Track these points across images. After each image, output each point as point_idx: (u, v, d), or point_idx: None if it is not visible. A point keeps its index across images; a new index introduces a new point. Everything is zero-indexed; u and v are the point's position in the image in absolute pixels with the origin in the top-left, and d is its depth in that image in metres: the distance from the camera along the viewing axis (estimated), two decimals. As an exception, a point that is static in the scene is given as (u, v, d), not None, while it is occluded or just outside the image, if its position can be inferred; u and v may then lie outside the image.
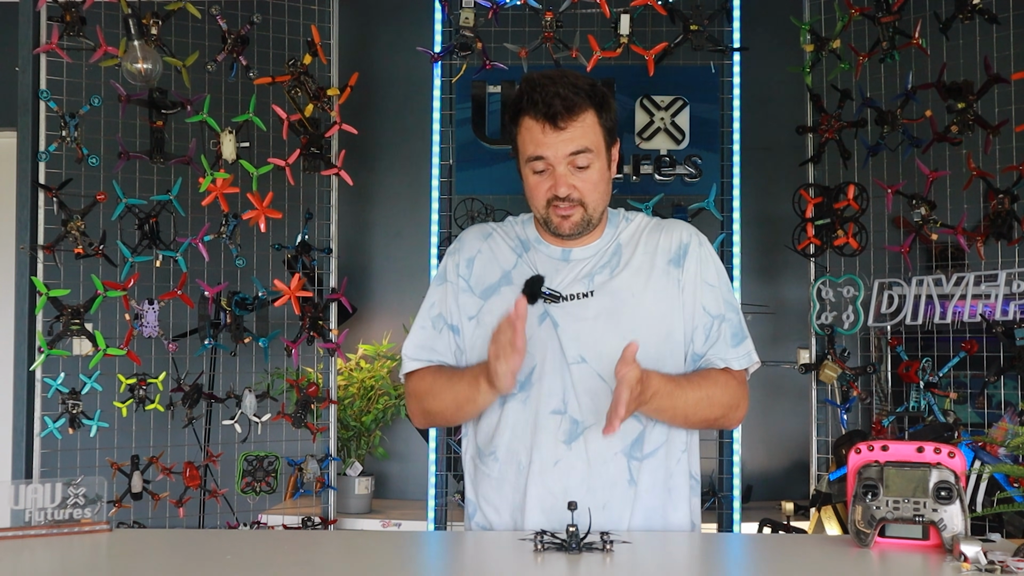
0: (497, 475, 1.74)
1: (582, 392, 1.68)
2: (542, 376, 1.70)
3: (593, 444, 1.67)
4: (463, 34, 3.17)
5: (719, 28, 3.23)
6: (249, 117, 3.21)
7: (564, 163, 1.67)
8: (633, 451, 1.69)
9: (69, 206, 3.05)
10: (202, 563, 1.44)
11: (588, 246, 1.77)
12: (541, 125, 1.65)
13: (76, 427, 3.05)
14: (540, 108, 1.64)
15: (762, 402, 3.82)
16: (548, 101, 1.63)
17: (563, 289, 1.72)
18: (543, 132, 1.65)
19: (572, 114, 1.64)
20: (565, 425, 1.68)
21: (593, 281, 1.73)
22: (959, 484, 1.43)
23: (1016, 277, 3.00)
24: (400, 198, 4.11)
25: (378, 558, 1.45)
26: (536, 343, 1.69)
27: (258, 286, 3.28)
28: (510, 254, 1.79)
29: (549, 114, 1.64)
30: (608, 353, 1.64)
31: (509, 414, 1.72)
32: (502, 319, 1.56)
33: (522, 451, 1.71)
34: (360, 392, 3.68)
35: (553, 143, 1.65)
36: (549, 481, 1.68)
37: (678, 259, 1.75)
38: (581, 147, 1.66)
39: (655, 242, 1.78)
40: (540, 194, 1.70)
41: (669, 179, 3.24)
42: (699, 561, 1.53)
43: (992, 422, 3.10)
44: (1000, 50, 3.06)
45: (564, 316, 1.70)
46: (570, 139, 1.65)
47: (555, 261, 1.76)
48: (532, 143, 1.67)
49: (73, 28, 3.04)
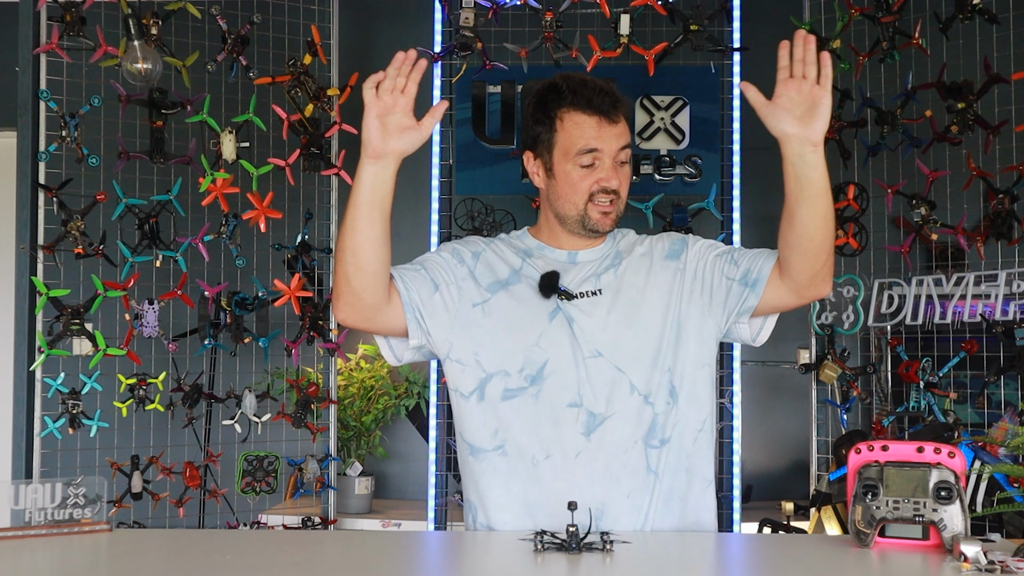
0: (504, 472, 1.72)
1: (599, 385, 1.70)
2: (555, 371, 1.70)
3: (610, 435, 1.69)
4: (463, 34, 3.17)
5: (719, 28, 3.23)
6: (249, 117, 3.21)
7: (614, 157, 1.72)
8: (649, 439, 1.71)
9: (69, 206, 3.05)
10: (202, 563, 1.44)
11: (593, 249, 1.80)
12: (596, 119, 1.70)
13: (76, 427, 3.04)
14: (595, 103, 1.70)
15: (762, 402, 3.82)
16: (600, 97, 1.70)
17: (574, 288, 1.75)
18: (599, 126, 1.70)
19: (618, 111, 1.72)
20: (583, 417, 1.69)
21: (600, 280, 1.76)
22: (959, 484, 1.43)
23: (1016, 277, 3.00)
24: (400, 198, 4.07)
25: (378, 558, 1.45)
26: (549, 339, 1.71)
27: (258, 286, 3.28)
28: (515, 257, 1.81)
29: (603, 109, 1.70)
30: (623, 345, 1.71)
31: (517, 409, 1.71)
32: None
33: (536, 445, 1.70)
34: (360, 392, 3.68)
35: (608, 137, 1.71)
36: (573, 472, 1.69)
37: (675, 253, 1.80)
38: (627, 143, 1.74)
39: (652, 245, 1.83)
40: (584, 188, 1.73)
41: (669, 179, 3.24)
42: (699, 561, 1.53)
43: (992, 422, 3.10)
44: (1000, 50, 3.06)
45: (577, 313, 1.73)
46: (620, 134, 1.72)
47: (562, 263, 1.79)
48: (584, 137, 1.71)
49: (73, 28, 3.04)
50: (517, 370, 1.71)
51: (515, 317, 1.74)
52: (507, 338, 1.73)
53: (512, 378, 1.71)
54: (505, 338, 1.73)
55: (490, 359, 1.73)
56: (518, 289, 1.76)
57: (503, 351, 1.72)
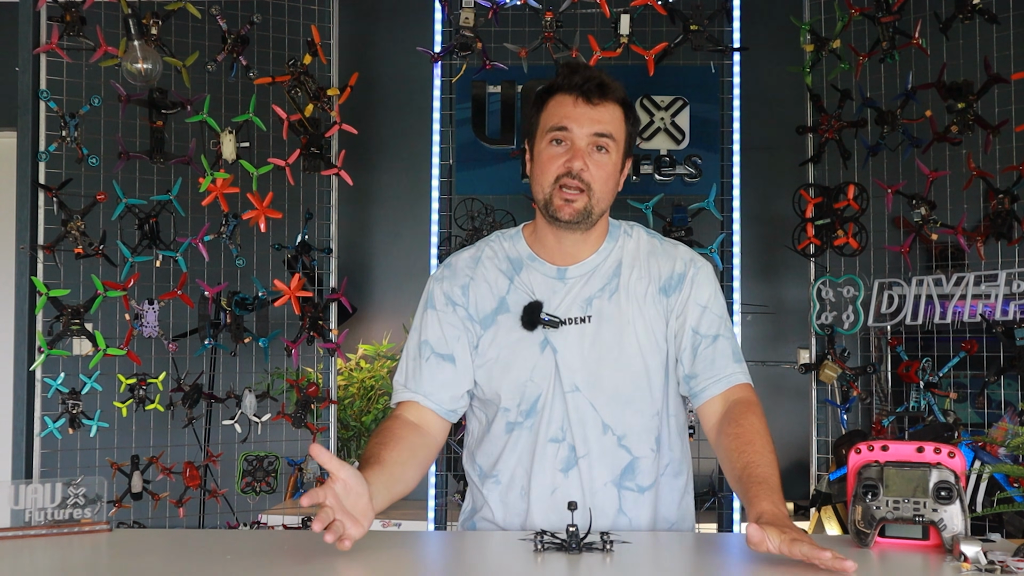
0: (498, 498, 1.74)
1: (576, 421, 1.67)
2: (545, 404, 1.68)
3: (586, 473, 1.67)
4: (463, 34, 3.17)
5: (719, 28, 3.23)
6: (249, 117, 3.21)
7: (586, 140, 1.64)
8: (624, 481, 1.69)
9: (69, 206, 3.05)
10: (202, 563, 1.44)
11: (584, 262, 1.71)
12: (573, 98, 1.64)
13: (76, 427, 3.05)
14: (576, 83, 1.64)
15: (762, 402, 3.81)
16: (585, 79, 1.64)
17: (561, 312, 1.68)
18: (574, 104, 1.64)
19: (605, 97, 1.65)
20: (563, 453, 1.68)
21: (591, 306, 1.69)
22: (959, 484, 1.43)
23: (1016, 277, 3.00)
24: (400, 198, 4.11)
25: (378, 558, 1.45)
26: (539, 372, 1.68)
27: (258, 286, 3.28)
28: (501, 279, 1.73)
29: (584, 89, 1.64)
30: (599, 385, 1.66)
31: (515, 441, 1.71)
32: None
33: (523, 477, 1.71)
34: (360, 392, 3.68)
35: (581, 116, 1.64)
36: (547, 508, 1.68)
37: (668, 288, 1.71)
38: (607, 131, 1.65)
39: (653, 267, 1.73)
40: (552, 169, 1.64)
41: (669, 179, 3.24)
42: (699, 561, 1.53)
43: (992, 422, 3.10)
44: (1000, 50, 3.06)
45: (562, 343, 1.67)
46: (598, 119, 1.65)
47: (550, 280, 1.71)
48: (558, 115, 1.65)
49: (73, 28, 3.04)
50: (515, 405, 1.70)
51: (507, 353, 1.69)
52: (503, 375, 1.70)
53: (512, 412, 1.71)
54: (502, 376, 1.70)
55: (492, 396, 1.72)
56: (507, 320, 1.70)
57: (502, 389, 1.70)
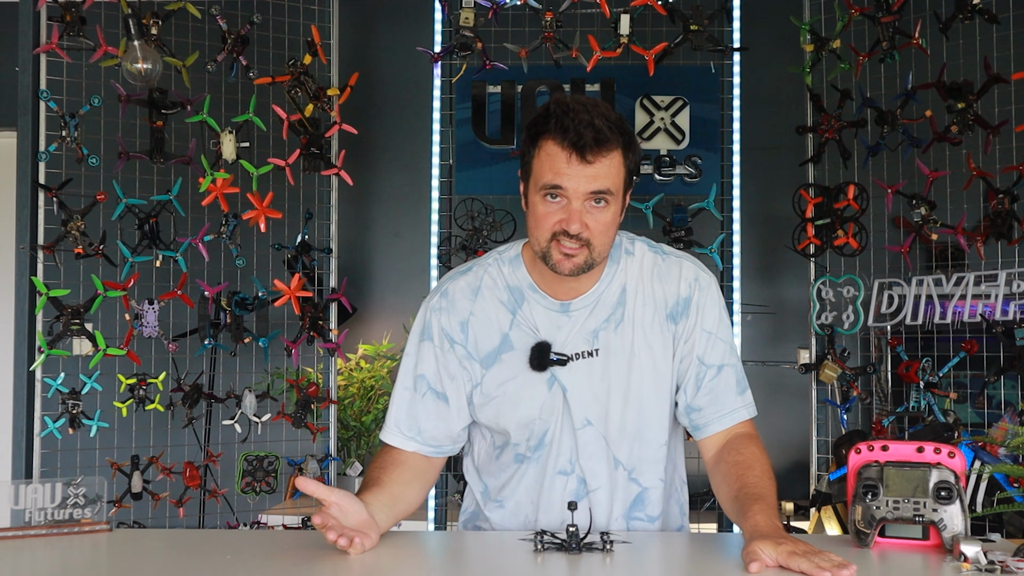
0: (499, 520, 1.74)
1: (587, 456, 1.66)
2: (554, 439, 1.68)
3: (596, 507, 1.67)
4: (463, 34, 3.17)
5: (719, 28, 3.24)
6: (249, 117, 3.21)
7: (582, 199, 1.53)
8: (633, 512, 1.70)
9: (69, 206, 3.05)
10: (202, 563, 1.44)
11: (586, 295, 1.66)
12: (567, 154, 1.51)
13: (76, 427, 3.04)
14: (570, 136, 1.50)
15: (762, 402, 3.79)
16: (579, 130, 1.50)
17: (568, 348, 1.64)
18: (567, 162, 1.51)
19: (601, 149, 1.51)
20: (572, 485, 1.67)
21: (598, 339, 1.65)
22: (959, 484, 1.43)
23: (1016, 277, 3.00)
24: (400, 198, 4.12)
25: (378, 558, 1.45)
26: (548, 409, 1.66)
27: (258, 286, 3.28)
28: (503, 312, 1.67)
29: (578, 144, 1.50)
30: (612, 417, 1.66)
31: (523, 472, 1.71)
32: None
33: (530, 506, 1.71)
34: (360, 392, 3.68)
35: (576, 176, 1.51)
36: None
37: (675, 315, 1.67)
38: (604, 187, 1.53)
39: (658, 292, 1.68)
40: (547, 225, 1.55)
41: (669, 179, 3.24)
42: (699, 561, 1.53)
43: (992, 422, 3.10)
44: (1000, 50, 3.06)
45: (571, 380, 1.65)
46: (594, 176, 1.52)
47: (553, 314, 1.66)
48: (552, 171, 1.52)
49: (73, 28, 3.04)
50: (524, 440, 1.69)
51: (513, 392, 1.66)
52: (511, 413, 1.68)
53: (521, 446, 1.70)
54: (510, 414, 1.68)
55: (501, 432, 1.71)
56: (511, 358, 1.66)
57: (510, 427, 1.69)
